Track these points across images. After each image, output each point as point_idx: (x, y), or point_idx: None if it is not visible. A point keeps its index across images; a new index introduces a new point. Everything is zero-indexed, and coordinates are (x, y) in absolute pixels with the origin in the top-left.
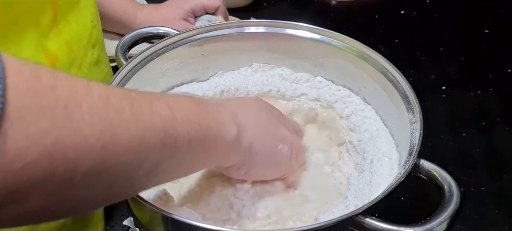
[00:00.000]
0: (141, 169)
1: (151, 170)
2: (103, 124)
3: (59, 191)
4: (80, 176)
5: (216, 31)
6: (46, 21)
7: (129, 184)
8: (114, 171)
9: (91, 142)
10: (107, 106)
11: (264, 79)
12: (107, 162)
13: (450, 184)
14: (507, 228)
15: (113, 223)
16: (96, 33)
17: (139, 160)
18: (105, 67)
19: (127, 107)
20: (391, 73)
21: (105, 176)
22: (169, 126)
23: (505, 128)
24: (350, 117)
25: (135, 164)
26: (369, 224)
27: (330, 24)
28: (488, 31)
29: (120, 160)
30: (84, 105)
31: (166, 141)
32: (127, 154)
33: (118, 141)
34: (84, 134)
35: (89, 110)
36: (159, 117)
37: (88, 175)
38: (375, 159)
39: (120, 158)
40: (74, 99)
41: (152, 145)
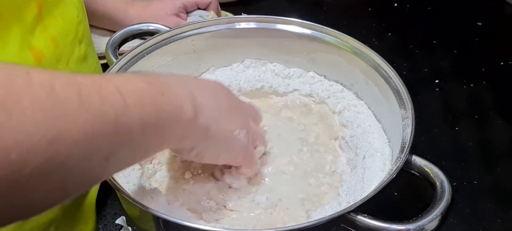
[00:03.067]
0: (93, 161)
1: (105, 160)
2: (47, 117)
3: (6, 195)
4: (26, 178)
5: (207, 27)
6: (30, 17)
7: (82, 179)
8: (64, 167)
9: (36, 139)
10: (52, 97)
11: (256, 75)
12: (55, 159)
13: (442, 181)
14: (499, 221)
15: (106, 222)
16: (83, 29)
17: (90, 152)
18: (93, 62)
19: (74, 96)
20: (383, 68)
21: (55, 175)
22: (120, 113)
23: (498, 120)
24: (342, 112)
25: (86, 157)
26: (361, 221)
27: (323, 18)
28: (481, 24)
29: (70, 155)
30: (25, 98)
31: (118, 129)
32: (77, 147)
33: (66, 134)
34: (27, 131)
35: (31, 104)
36: (108, 104)
37: (35, 175)
38: (368, 154)
39: (70, 152)
40: (12, 94)
41: (103, 135)
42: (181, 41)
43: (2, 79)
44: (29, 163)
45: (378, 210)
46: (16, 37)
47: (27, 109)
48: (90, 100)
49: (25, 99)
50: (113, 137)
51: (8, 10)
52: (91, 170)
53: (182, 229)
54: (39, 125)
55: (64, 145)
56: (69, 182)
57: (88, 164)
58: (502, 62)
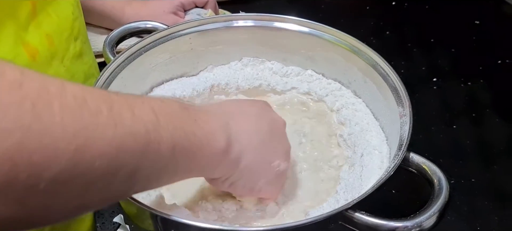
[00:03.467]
0: (118, 176)
1: (130, 177)
2: (76, 125)
3: (23, 198)
4: (46, 183)
5: (205, 25)
6: (24, 13)
7: (104, 192)
8: (86, 178)
9: (62, 145)
10: (82, 108)
11: (254, 73)
12: (78, 168)
13: (440, 178)
14: (496, 219)
15: (104, 220)
16: (78, 26)
17: (116, 167)
18: (89, 60)
19: (105, 110)
20: (381, 66)
21: (76, 183)
22: (152, 131)
23: (495, 119)
24: (340, 110)
25: (110, 171)
26: (359, 218)
27: (321, 16)
28: (478, 22)
29: (94, 166)
30: (56, 105)
31: (147, 146)
32: (102, 160)
33: (92, 145)
34: (54, 136)
35: (61, 111)
36: (141, 122)
37: (56, 181)
38: (366, 152)
39: (93, 163)
40: (44, 98)
41: (130, 150)
42: (178, 39)
43: (36, 84)
44: (50, 167)
45: (376, 207)
46: (10, 34)
47: (57, 116)
48: (121, 116)
49: (56, 105)
50: (141, 154)
51: (1, 6)
52: (114, 185)
53: (180, 227)
54: (67, 131)
55: (88, 155)
56: (90, 193)
57: (111, 178)
58: (499, 61)
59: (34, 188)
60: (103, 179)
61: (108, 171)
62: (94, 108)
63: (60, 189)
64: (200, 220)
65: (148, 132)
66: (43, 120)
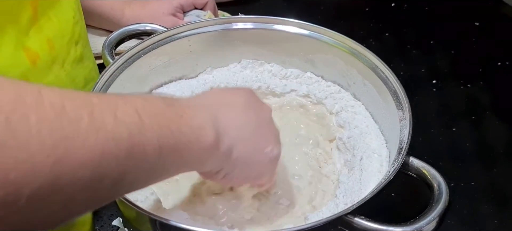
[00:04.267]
0: (102, 183)
1: (116, 183)
2: (54, 136)
3: (2, 217)
4: (26, 199)
5: (204, 27)
6: (25, 18)
7: (89, 201)
8: (69, 189)
9: (40, 159)
10: (61, 117)
11: (253, 75)
12: (60, 180)
13: (440, 182)
14: (496, 222)
15: (103, 223)
16: (79, 30)
17: (100, 175)
18: (90, 64)
19: (86, 116)
20: (381, 69)
21: (58, 196)
22: (136, 134)
23: (495, 121)
24: (340, 113)
25: (95, 179)
26: (358, 223)
27: (321, 18)
28: (478, 24)
29: (76, 177)
30: (32, 117)
31: (131, 150)
32: (84, 169)
33: (73, 155)
34: (31, 151)
35: (38, 123)
36: (123, 125)
37: (36, 197)
38: (365, 155)
39: (76, 174)
40: (19, 111)
41: (114, 156)
42: (178, 41)
43: (11, 95)
44: (29, 184)
45: (375, 211)
46: (11, 39)
47: (33, 128)
48: (103, 121)
49: (32, 118)
50: (125, 158)
51: (2, 11)
52: (100, 192)
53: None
54: (44, 145)
55: (69, 166)
56: (74, 204)
57: (96, 186)
58: (499, 63)
59: (13, 206)
60: (87, 189)
61: (92, 180)
62: (73, 115)
63: (42, 203)
64: (198, 225)
65: (132, 135)
66: (18, 135)
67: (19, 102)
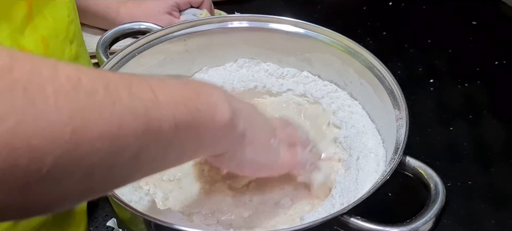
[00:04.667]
0: (121, 157)
1: (134, 158)
2: (71, 107)
3: (27, 185)
4: (49, 167)
5: (200, 26)
6: (20, 16)
7: (110, 175)
8: (89, 160)
9: (58, 128)
10: (77, 89)
11: (249, 75)
12: (79, 150)
13: (436, 182)
14: (493, 222)
15: (97, 224)
16: (74, 29)
17: (118, 147)
18: (85, 63)
19: (101, 90)
20: (378, 68)
21: (80, 167)
22: (151, 109)
23: (492, 120)
24: (336, 113)
25: (113, 152)
26: (354, 224)
27: (318, 17)
28: (475, 23)
29: (95, 148)
30: (49, 88)
31: (148, 125)
32: (103, 140)
33: (91, 126)
34: (49, 119)
35: (55, 93)
36: (139, 100)
37: (59, 165)
38: (361, 155)
39: (94, 145)
40: (35, 81)
41: (132, 130)
42: (173, 40)
43: (28, 68)
44: (50, 151)
45: (371, 211)
46: (5, 37)
47: (50, 98)
48: (119, 95)
49: (49, 88)
50: (142, 133)
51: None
52: (119, 167)
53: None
54: (62, 114)
55: (87, 136)
56: (95, 176)
57: (115, 160)
58: (496, 62)
59: (36, 174)
60: (106, 161)
61: (110, 152)
62: (89, 88)
63: (63, 173)
64: (193, 226)
65: (148, 111)
66: (36, 104)
67: (35, 73)
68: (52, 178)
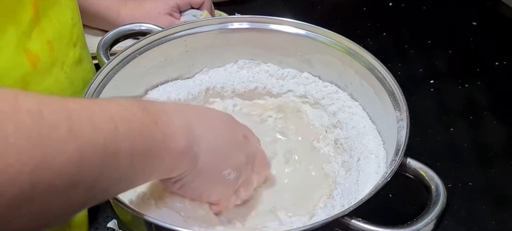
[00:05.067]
0: (77, 190)
1: (89, 189)
2: (32, 144)
3: None
4: (2, 207)
5: (200, 27)
6: (27, 19)
7: (64, 207)
8: (45, 196)
9: (17, 168)
10: (38, 123)
11: (250, 76)
12: (37, 188)
13: (437, 184)
14: (494, 223)
15: (98, 225)
16: (77, 31)
17: (75, 181)
18: (88, 65)
19: (63, 123)
20: (378, 70)
21: (35, 204)
22: (110, 141)
23: (493, 121)
24: (337, 114)
25: (70, 186)
26: (355, 225)
27: (318, 18)
28: (476, 23)
29: (54, 184)
30: (10, 126)
31: (106, 157)
32: (62, 175)
33: (51, 162)
34: (8, 161)
35: (16, 131)
36: (100, 132)
37: (13, 206)
38: (362, 156)
39: (53, 181)
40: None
41: (90, 163)
42: (173, 41)
43: None
44: (6, 193)
45: (372, 213)
46: (12, 41)
47: (11, 137)
48: (80, 127)
49: (10, 127)
50: (99, 166)
51: (3, 11)
52: (74, 198)
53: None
54: (21, 153)
55: (47, 173)
56: (51, 210)
57: (71, 192)
58: (497, 62)
59: None
60: (62, 196)
61: (68, 187)
62: (51, 121)
63: (17, 212)
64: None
65: (107, 142)
66: None
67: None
68: (5, 217)
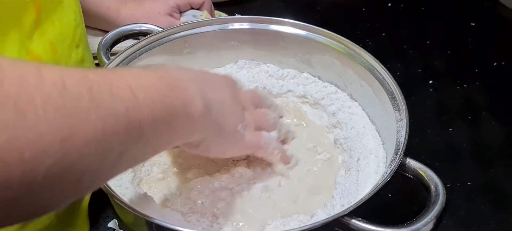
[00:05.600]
0: (107, 160)
1: (117, 158)
2: (59, 116)
3: (21, 197)
4: (42, 177)
5: (200, 28)
6: (29, 21)
7: (96, 177)
8: (78, 166)
9: (49, 138)
10: (63, 95)
11: (250, 76)
12: (69, 157)
13: (437, 184)
14: (493, 223)
15: (98, 225)
16: (80, 33)
17: (104, 150)
18: (90, 66)
19: (85, 94)
20: (378, 70)
21: (70, 173)
22: (131, 110)
23: (491, 121)
24: (336, 114)
25: (99, 155)
26: (355, 225)
27: (317, 18)
28: (474, 24)
29: (83, 153)
30: (37, 98)
31: (129, 126)
32: (90, 146)
33: (78, 132)
34: (40, 130)
35: (43, 103)
36: (120, 101)
37: (51, 175)
38: (362, 156)
39: (82, 151)
40: (24, 93)
41: (115, 133)
42: (174, 41)
43: (14, 77)
44: (42, 162)
45: (372, 213)
46: (14, 43)
47: (39, 109)
48: (102, 97)
49: (37, 98)
50: (124, 135)
51: (5, 15)
52: (104, 168)
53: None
54: (51, 124)
55: (76, 143)
56: (83, 180)
57: (101, 162)
58: (495, 63)
59: (30, 185)
60: (93, 165)
61: (97, 156)
62: (74, 93)
63: (55, 181)
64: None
65: (128, 111)
66: (27, 116)
67: (22, 83)
68: (44, 187)
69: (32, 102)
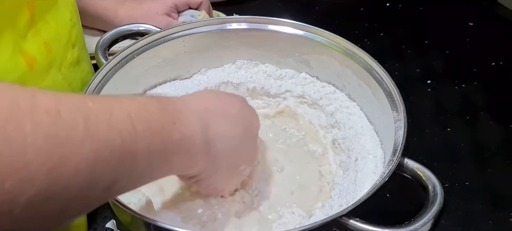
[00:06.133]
0: (94, 191)
1: (107, 188)
2: (50, 144)
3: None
4: (21, 208)
5: (199, 28)
6: (23, 21)
7: (81, 207)
8: (63, 196)
9: (34, 167)
10: (56, 123)
11: (248, 76)
12: (54, 187)
13: (435, 184)
14: (491, 222)
15: (96, 226)
16: (76, 32)
17: (93, 181)
18: (86, 66)
19: (81, 123)
20: (376, 70)
21: (53, 203)
22: (128, 141)
23: (489, 121)
24: (334, 114)
25: (87, 186)
26: (353, 225)
27: (316, 18)
28: (472, 24)
29: (71, 184)
30: (27, 124)
31: (123, 157)
32: (79, 177)
33: (68, 162)
34: (25, 159)
35: (33, 131)
36: (116, 132)
37: (30, 205)
38: (360, 156)
39: (70, 181)
40: (14, 118)
41: (107, 164)
42: (172, 42)
43: (6, 101)
44: (24, 192)
45: (370, 212)
46: (8, 43)
47: (29, 136)
48: (97, 128)
49: (28, 125)
50: (117, 166)
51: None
52: (92, 198)
53: None
54: (39, 152)
55: (64, 173)
56: (68, 210)
57: (88, 193)
58: (493, 63)
59: (8, 214)
60: (79, 195)
61: (85, 187)
62: (69, 121)
63: (36, 211)
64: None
65: (124, 143)
66: (13, 143)
67: (14, 108)
68: (25, 216)
69: (21, 129)
